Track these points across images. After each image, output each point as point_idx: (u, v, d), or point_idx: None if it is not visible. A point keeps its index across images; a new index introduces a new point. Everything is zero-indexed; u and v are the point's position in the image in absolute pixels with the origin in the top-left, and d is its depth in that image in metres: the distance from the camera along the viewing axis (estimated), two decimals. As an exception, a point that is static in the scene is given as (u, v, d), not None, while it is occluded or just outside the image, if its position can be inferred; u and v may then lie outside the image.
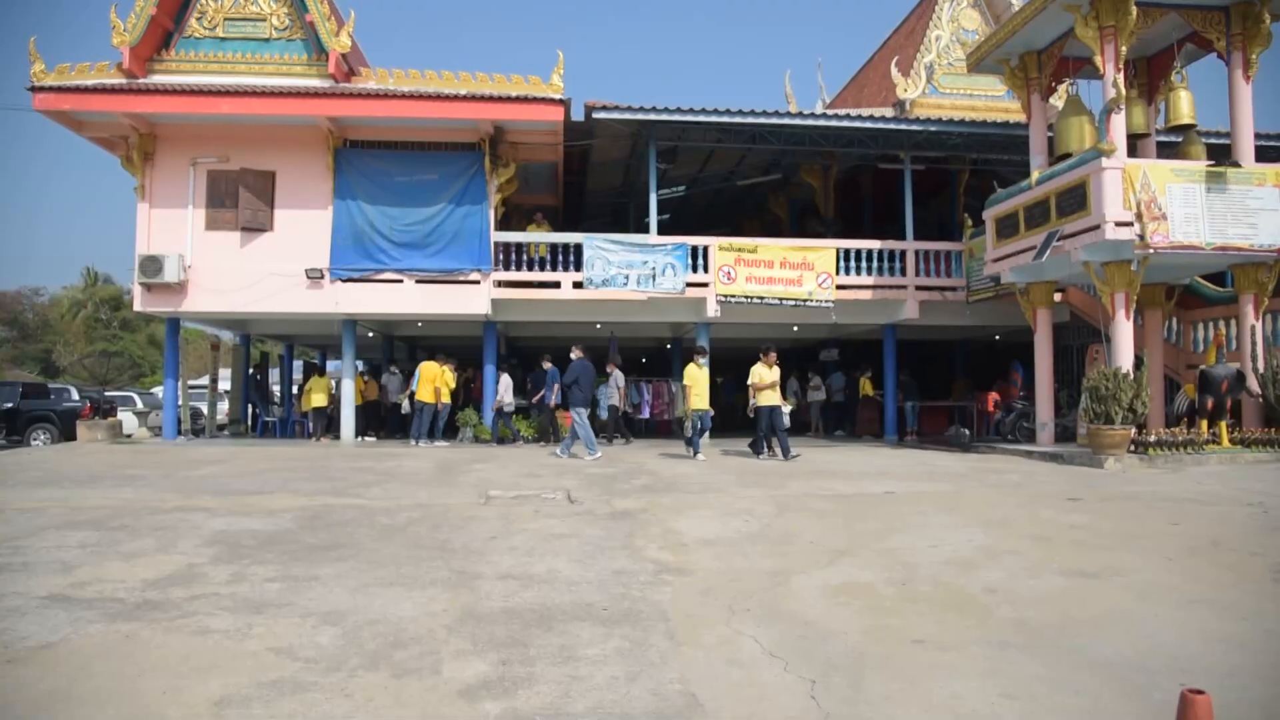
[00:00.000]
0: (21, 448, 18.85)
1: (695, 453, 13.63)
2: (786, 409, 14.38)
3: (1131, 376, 12.16)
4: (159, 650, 4.19)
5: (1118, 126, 12.69)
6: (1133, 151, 13.87)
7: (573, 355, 14.62)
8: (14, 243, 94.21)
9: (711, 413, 14.14)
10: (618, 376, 17.20)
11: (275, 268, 16.57)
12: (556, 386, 16.27)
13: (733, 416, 24.52)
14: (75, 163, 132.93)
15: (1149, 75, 15.05)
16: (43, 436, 20.29)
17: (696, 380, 13.87)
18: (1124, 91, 12.70)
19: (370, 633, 4.48)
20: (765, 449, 13.77)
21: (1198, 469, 11.61)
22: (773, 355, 13.87)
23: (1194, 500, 8.71)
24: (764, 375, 13.71)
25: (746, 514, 8.05)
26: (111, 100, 15.64)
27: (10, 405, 20.26)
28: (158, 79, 16.27)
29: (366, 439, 18.11)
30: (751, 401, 13.78)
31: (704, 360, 13.99)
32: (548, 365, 16.72)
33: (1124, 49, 12.73)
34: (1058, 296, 15.92)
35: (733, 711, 3.56)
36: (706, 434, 13.75)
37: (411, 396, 16.95)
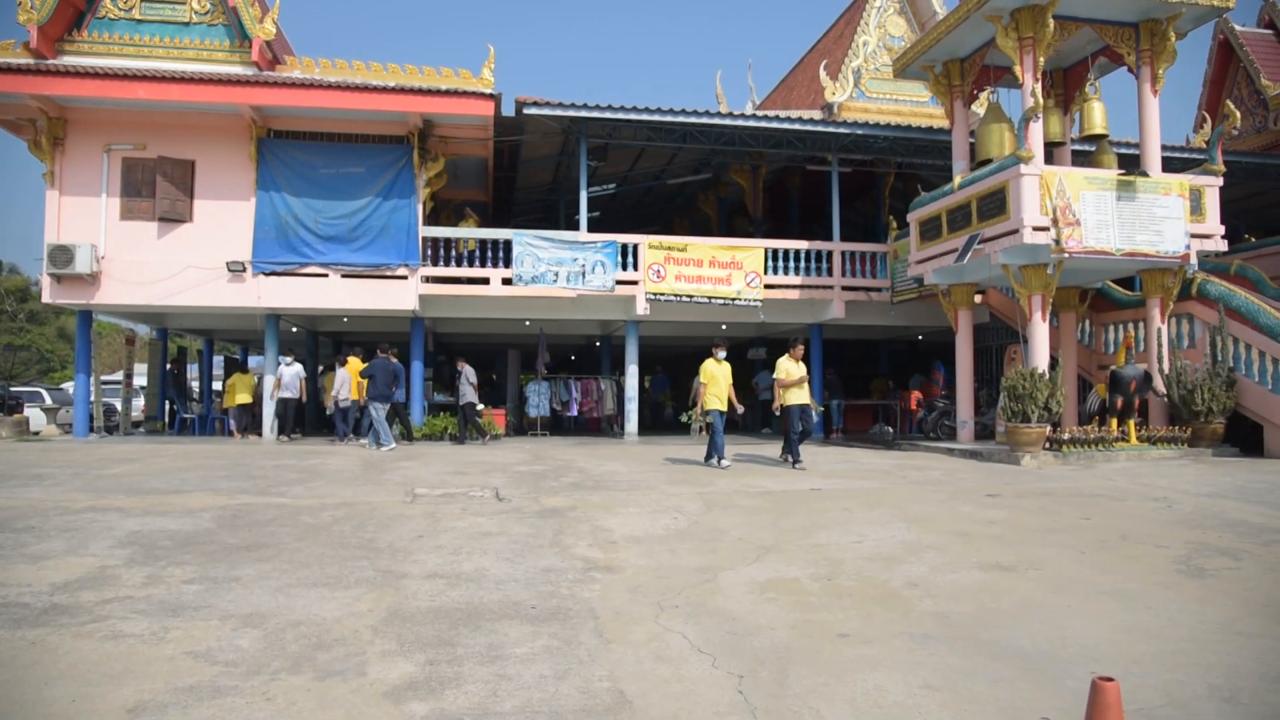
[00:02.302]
0: (-82, 445, 17.94)
1: (715, 458, 12.10)
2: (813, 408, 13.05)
3: (1047, 376, 12.57)
4: (68, 657, 4.04)
5: (1036, 134, 13.10)
6: (1049, 159, 14.37)
7: (378, 354, 15.10)
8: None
9: (728, 413, 12.54)
10: (468, 373, 16.48)
11: (195, 260, 16.06)
12: (471, 386, 16.16)
13: (660, 415, 24.51)
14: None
15: (1065, 86, 15.59)
16: (-58, 433, 19.33)
17: (714, 377, 12.31)
18: (1042, 101, 13.11)
19: (293, 634, 4.39)
20: (796, 454, 12.30)
21: (1108, 465, 12.07)
22: (800, 349, 12.48)
23: (1104, 496, 9.05)
24: (791, 370, 12.28)
25: (675, 511, 8.10)
26: (16, 81, 14.92)
27: (-94, 400, 19.27)
28: (69, 60, 15.62)
29: (293, 436, 17.59)
30: (777, 400, 12.46)
31: (723, 354, 12.48)
32: (463, 365, 16.47)
33: (1042, 60, 13.16)
34: (978, 298, 16.39)
35: (661, 708, 3.58)
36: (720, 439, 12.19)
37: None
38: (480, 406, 16.94)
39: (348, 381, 16.59)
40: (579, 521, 7.53)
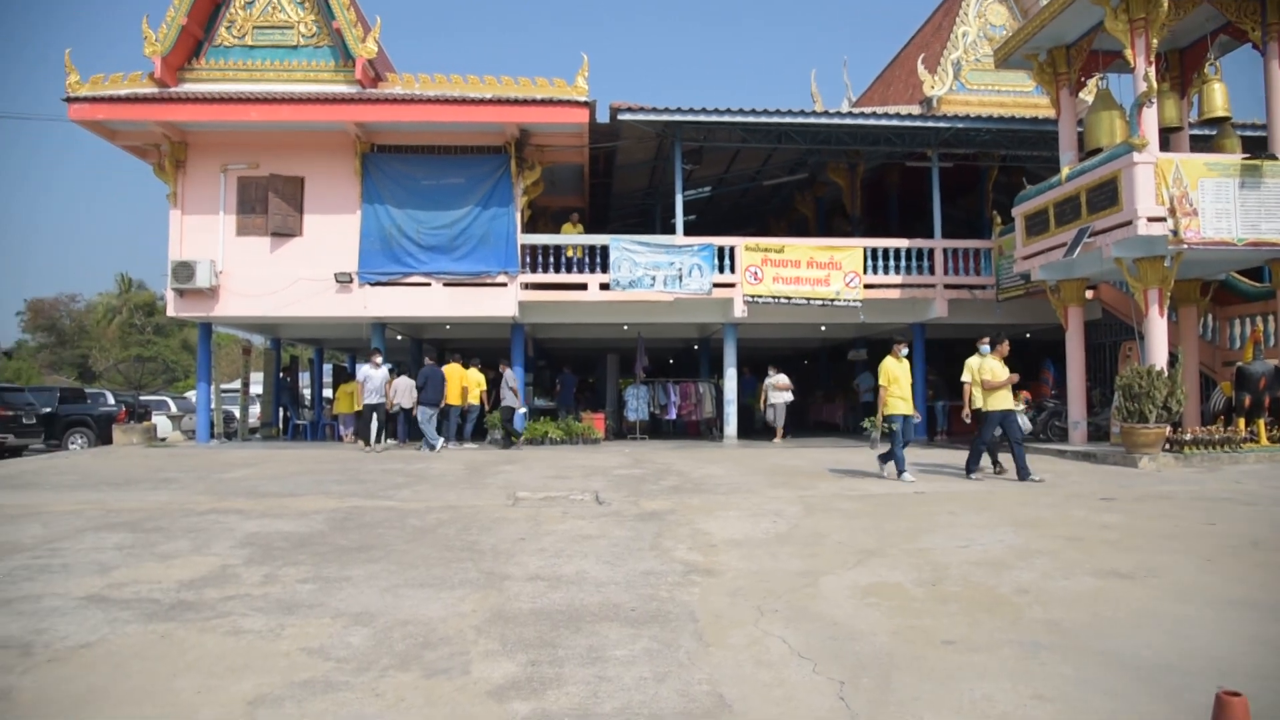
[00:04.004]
0: (59, 451, 19.17)
1: (900, 471, 10.67)
2: (1022, 415, 11.76)
3: (1166, 374, 11.99)
4: (194, 650, 4.25)
5: (1149, 120, 12.51)
6: (1165, 146, 13.69)
7: (425, 362, 15.73)
8: (52, 251, 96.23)
9: (917, 418, 10.86)
10: (508, 377, 16.63)
11: (305, 272, 16.74)
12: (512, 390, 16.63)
13: (750, 419, 24.27)
14: (110, 171, 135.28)
15: (1181, 68, 14.84)
16: (80, 440, 20.62)
17: (896, 378, 10.89)
18: (1155, 85, 12.51)
19: (400, 633, 4.52)
20: (989, 463, 11.29)
21: (1235, 468, 11.43)
22: (1005, 346, 11.23)
23: (1231, 500, 8.57)
24: (998, 371, 10.89)
25: (775, 514, 8.03)
26: (144, 109, 15.88)
27: (48, 410, 20.61)
28: (188, 87, 16.49)
29: (376, 446, 17.56)
30: (969, 404, 11.12)
31: (905, 351, 11.20)
32: (505, 370, 16.84)
33: (1155, 42, 12.55)
34: (1089, 294, 15.73)
35: (761, 712, 3.55)
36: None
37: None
38: (522, 411, 17.22)
39: (405, 389, 16.72)
40: (678, 525, 7.53)
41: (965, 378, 11.10)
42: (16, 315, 55.78)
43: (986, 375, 10.87)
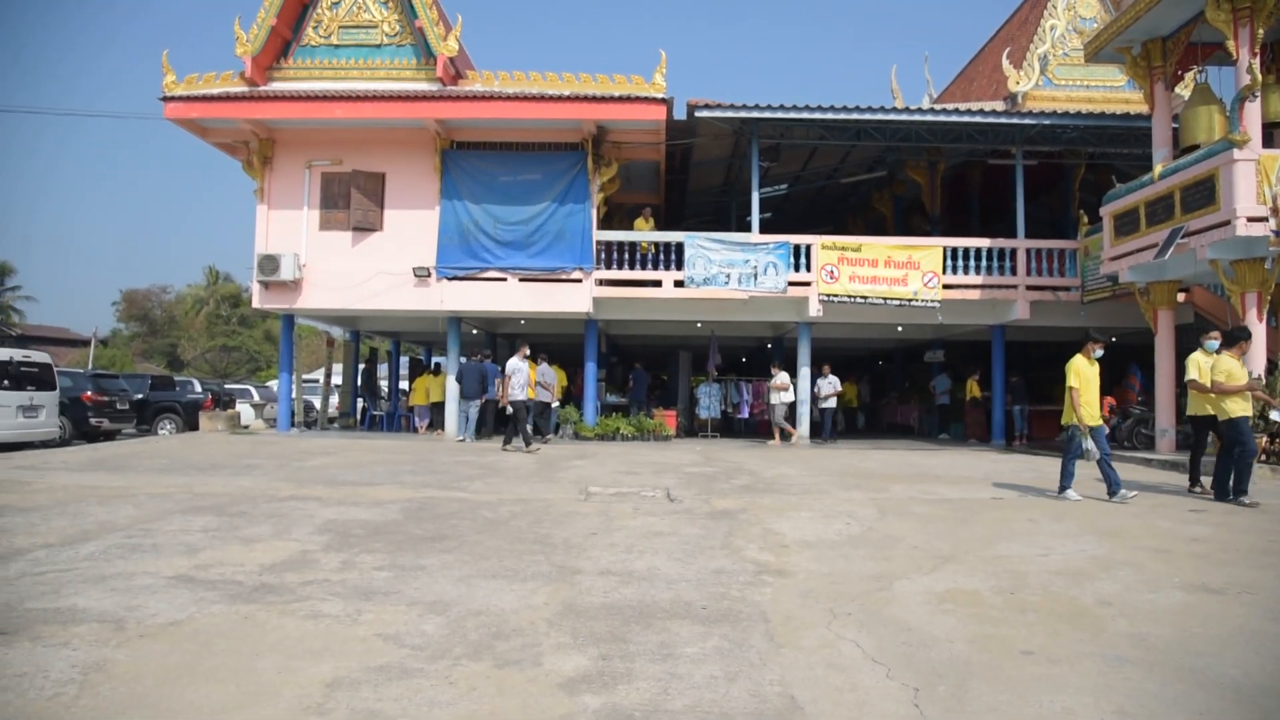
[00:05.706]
0: (150, 436, 19.95)
1: (1112, 490, 9.08)
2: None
3: (1264, 382, 11.48)
4: (275, 632, 4.37)
5: (1252, 115, 11.97)
6: (1269, 142, 13.10)
7: (459, 360, 16.30)
8: (146, 244, 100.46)
9: (1107, 425, 9.44)
10: (544, 372, 16.90)
11: (384, 266, 17.11)
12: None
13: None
14: (200, 168, 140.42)
15: (1289, 60, 14.15)
16: (168, 426, 21.40)
17: (1088, 380, 9.33)
18: (1260, 78, 11.97)
19: (473, 623, 4.57)
20: (1244, 484, 9.01)
21: (1337, 481, 10.88)
22: (1247, 344, 9.64)
23: (1333, 514, 8.17)
24: (1234, 372, 9.09)
25: (848, 516, 7.92)
26: (235, 107, 16.42)
27: (140, 396, 21.45)
28: (276, 86, 16.98)
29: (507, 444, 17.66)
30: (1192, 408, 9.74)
31: (1099, 352, 9.54)
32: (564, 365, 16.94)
33: (1261, 32, 12.00)
34: (1181, 297, 15.14)
35: (834, 716, 3.49)
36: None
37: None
38: (555, 405, 17.63)
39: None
40: (750, 524, 7.48)
41: (1192, 375, 9.54)
42: (112, 305, 58.37)
43: (1220, 377, 9.14)
